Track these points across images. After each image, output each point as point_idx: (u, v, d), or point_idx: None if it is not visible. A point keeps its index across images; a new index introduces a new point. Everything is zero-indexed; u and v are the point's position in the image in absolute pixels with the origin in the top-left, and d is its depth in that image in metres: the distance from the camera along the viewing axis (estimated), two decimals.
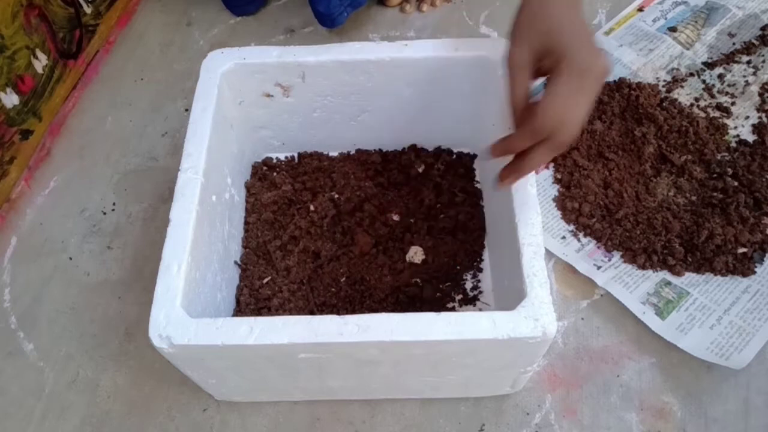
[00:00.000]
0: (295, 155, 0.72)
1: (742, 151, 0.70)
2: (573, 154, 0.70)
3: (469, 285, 0.62)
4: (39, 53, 0.74)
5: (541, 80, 0.48)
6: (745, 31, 0.81)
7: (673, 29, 0.82)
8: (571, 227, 0.66)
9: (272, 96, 0.64)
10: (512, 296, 0.49)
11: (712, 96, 0.75)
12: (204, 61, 0.60)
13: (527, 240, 0.48)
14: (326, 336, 0.44)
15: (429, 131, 0.69)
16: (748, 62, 0.78)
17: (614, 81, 0.76)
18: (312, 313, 0.60)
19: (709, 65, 0.78)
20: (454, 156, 0.71)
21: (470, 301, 0.62)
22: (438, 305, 0.61)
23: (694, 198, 0.67)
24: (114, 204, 0.73)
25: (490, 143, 0.48)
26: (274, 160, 0.71)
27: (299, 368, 0.49)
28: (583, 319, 0.62)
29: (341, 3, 0.79)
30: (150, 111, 0.81)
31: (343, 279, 0.62)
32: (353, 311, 0.60)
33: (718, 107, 0.74)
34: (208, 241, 0.54)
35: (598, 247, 0.65)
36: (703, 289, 0.61)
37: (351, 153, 0.72)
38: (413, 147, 0.71)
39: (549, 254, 0.65)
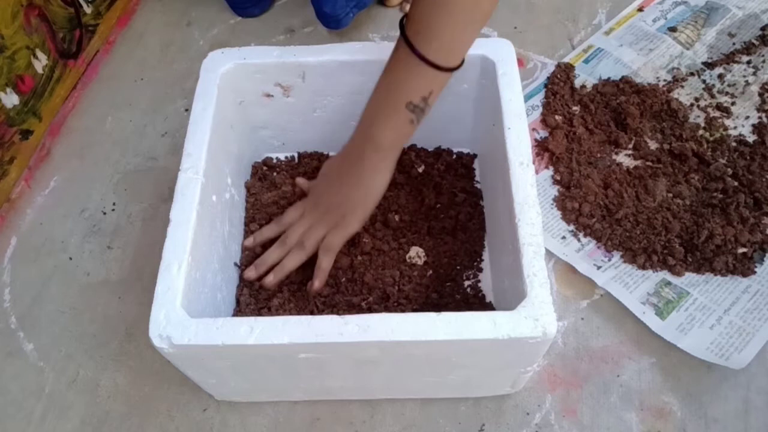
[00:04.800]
0: (295, 155, 0.72)
1: (742, 151, 0.70)
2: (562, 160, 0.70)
3: (469, 285, 0.62)
4: (39, 53, 0.74)
5: None
6: (745, 31, 0.81)
7: (673, 29, 0.82)
8: (571, 227, 0.66)
9: (272, 96, 0.64)
10: (512, 296, 0.49)
11: (712, 96, 0.75)
12: (204, 61, 0.60)
13: (527, 240, 0.48)
14: (326, 336, 0.44)
15: (429, 131, 0.69)
16: (748, 62, 0.78)
17: (616, 80, 0.77)
18: (312, 313, 0.60)
19: (709, 65, 0.78)
20: (454, 156, 0.71)
21: (471, 301, 0.62)
22: (438, 305, 0.61)
23: (694, 198, 0.67)
24: (114, 204, 0.73)
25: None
26: (274, 160, 0.71)
27: (299, 368, 0.49)
28: (583, 319, 0.62)
29: (347, 4, 0.78)
30: (150, 111, 0.81)
31: (344, 279, 0.62)
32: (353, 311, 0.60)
33: (718, 107, 0.74)
34: (208, 241, 0.54)
35: (598, 247, 0.65)
36: (703, 289, 0.61)
37: None
38: (413, 147, 0.71)
39: (549, 254, 0.65)
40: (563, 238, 0.66)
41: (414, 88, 0.51)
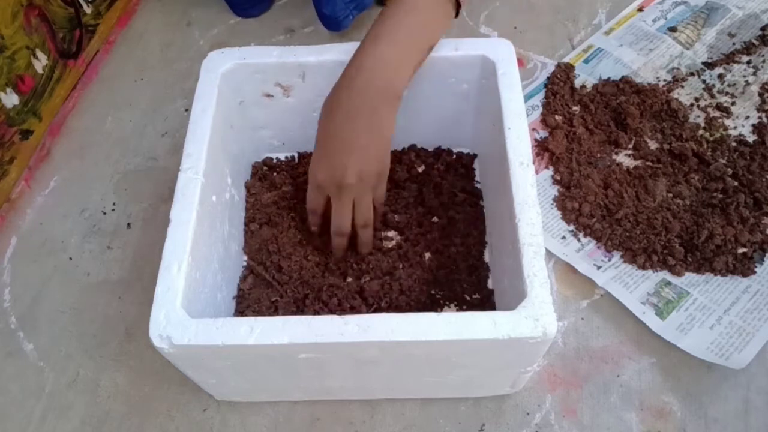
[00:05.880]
0: (295, 155, 0.72)
1: (742, 151, 0.70)
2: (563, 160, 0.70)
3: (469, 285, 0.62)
4: (39, 53, 0.74)
5: None
6: (745, 31, 0.81)
7: (673, 29, 0.82)
8: (571, 227, 0.66)
9: (272, 96, 0.64)
10: (512, 296, 0.49)
11: (712, 96, 0.75)
12: (204, 61, 0.60)
13: (527, 240, 0.48)
14: (326, 336, 0.44)
15: (429, 131, 0.69)
16: (748, 62, 0.78)
17: (616, 80, 0.77)
18: (315, 310, 0.60)
19: (709, 65, 0.78)
20: (454, 156, 0.71)
21: (471, 301, 0.62)
22: (438, 305, 0.61)
23: (694, 198, 0.67)
24: (114, 204, 0.73)
25: None
26: (274, 160, 0.71)
27: (299, 368, 0.49)
28: (583, 319, 0.62)
29: (347, 6, 0.78)
30: (150, 111, 0.81)
31: (349, 279, 0.62)
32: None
33: (718, 107, 0.74)
34: (208, 241, 0.54)
35: (598, 247, 0.65)
36: (703, 289, 0.61)
37: None
38: (413, 147, 0.71)
39: (549, 254, 0.65)
40: (563, 238, 0.66)
41: (439, 29, 0.48)
